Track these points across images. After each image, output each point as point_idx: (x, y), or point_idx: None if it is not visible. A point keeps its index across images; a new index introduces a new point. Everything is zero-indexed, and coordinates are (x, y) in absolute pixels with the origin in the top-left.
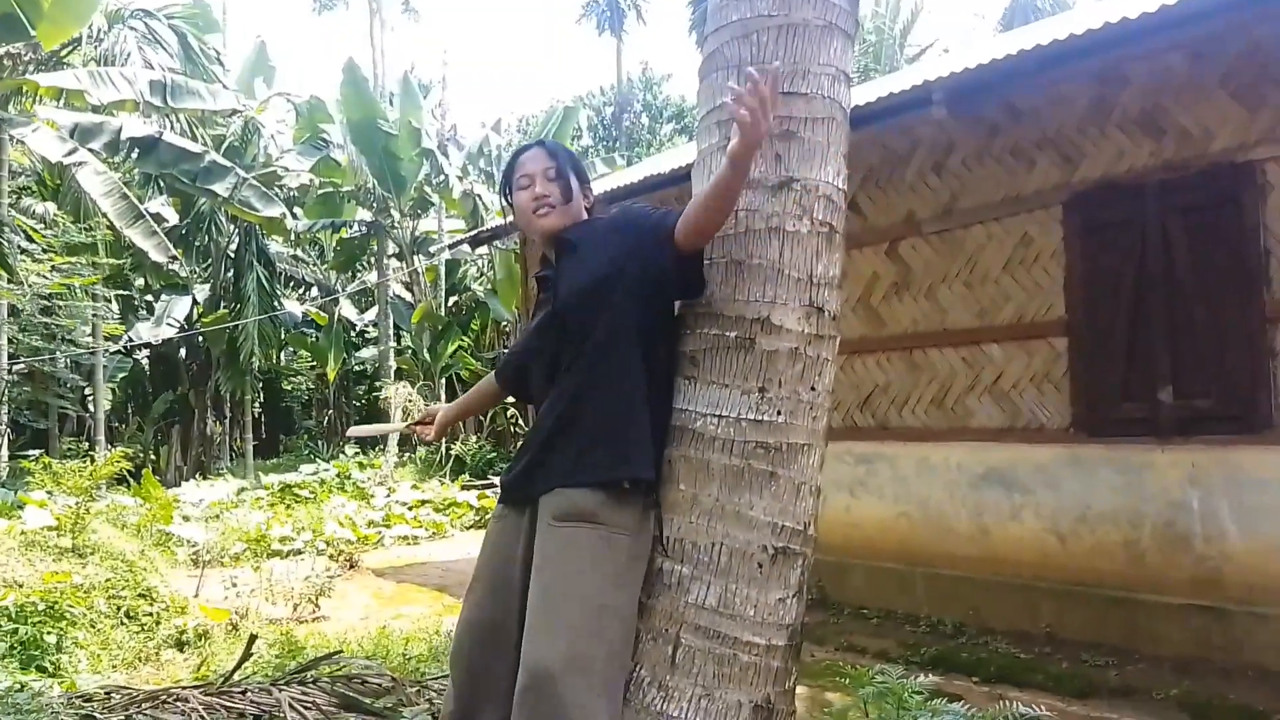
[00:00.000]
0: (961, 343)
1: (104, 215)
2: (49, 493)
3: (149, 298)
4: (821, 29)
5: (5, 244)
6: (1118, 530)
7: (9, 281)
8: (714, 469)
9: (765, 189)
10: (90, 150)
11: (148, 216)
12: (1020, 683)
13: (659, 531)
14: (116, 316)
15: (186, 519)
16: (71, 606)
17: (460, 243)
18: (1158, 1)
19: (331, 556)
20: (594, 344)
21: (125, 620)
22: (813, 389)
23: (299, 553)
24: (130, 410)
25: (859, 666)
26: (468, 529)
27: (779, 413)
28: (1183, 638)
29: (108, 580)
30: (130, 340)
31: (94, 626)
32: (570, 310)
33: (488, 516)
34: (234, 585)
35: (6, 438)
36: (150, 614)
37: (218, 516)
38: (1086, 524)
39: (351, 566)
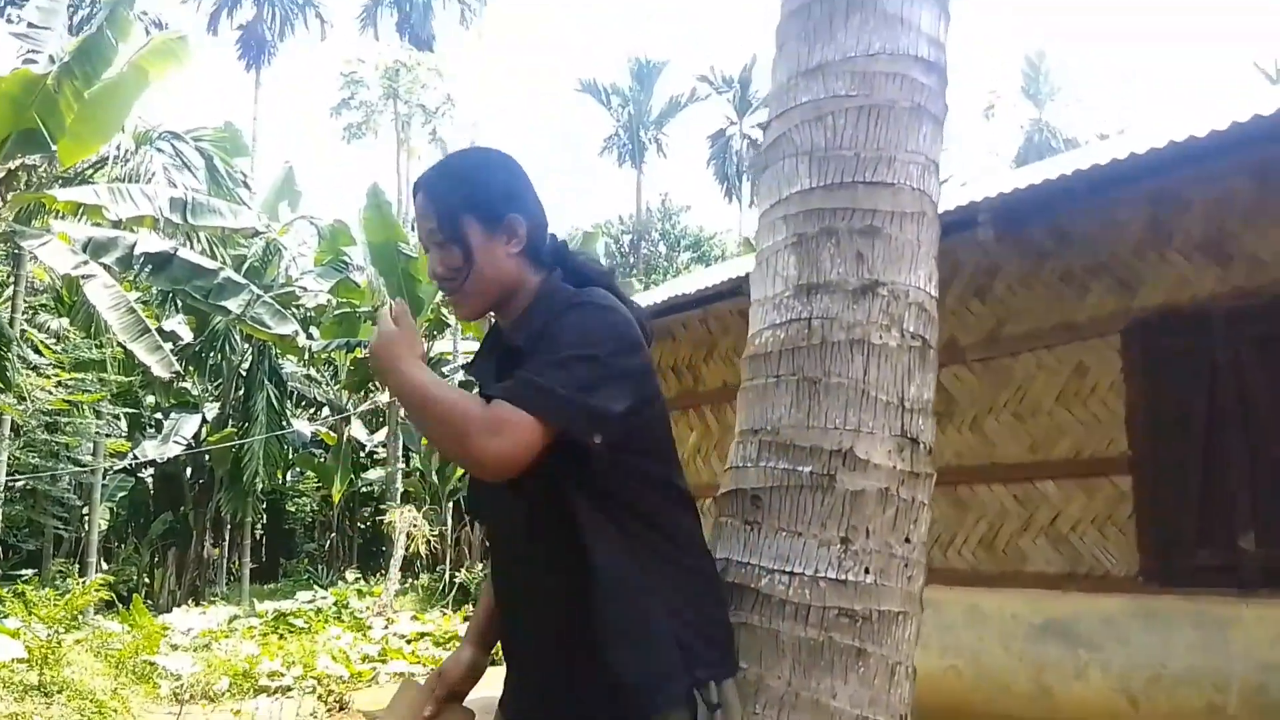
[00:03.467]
0: (1012, 479)
1: (109, 330)
2: (25, 621)
3: (158, 416)
4: (909, 111)
5: (9, 359)
6: (1199, 693)
7: (12, 396)
8: (784, 643)
9: (845, 294)
10: (103, 265)
11: (153, 331)
12: None
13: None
14: (124, 434)
15: (175, 648)
16: None
17: (473, 364)
18: (1214, 123)
19: (320, 697)
20: (535, 514)
21: None
22: (907, 540)
23: (288, 689)
24: (130, 530)
25: None
26: None
27: (867, 570)
28: None
29: None
30: (135, 458)
31: None
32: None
33: (490, 652)
34: None
35: None
36: None
37: (208, 646)
38: (1162, 685)
39: (341, 708)
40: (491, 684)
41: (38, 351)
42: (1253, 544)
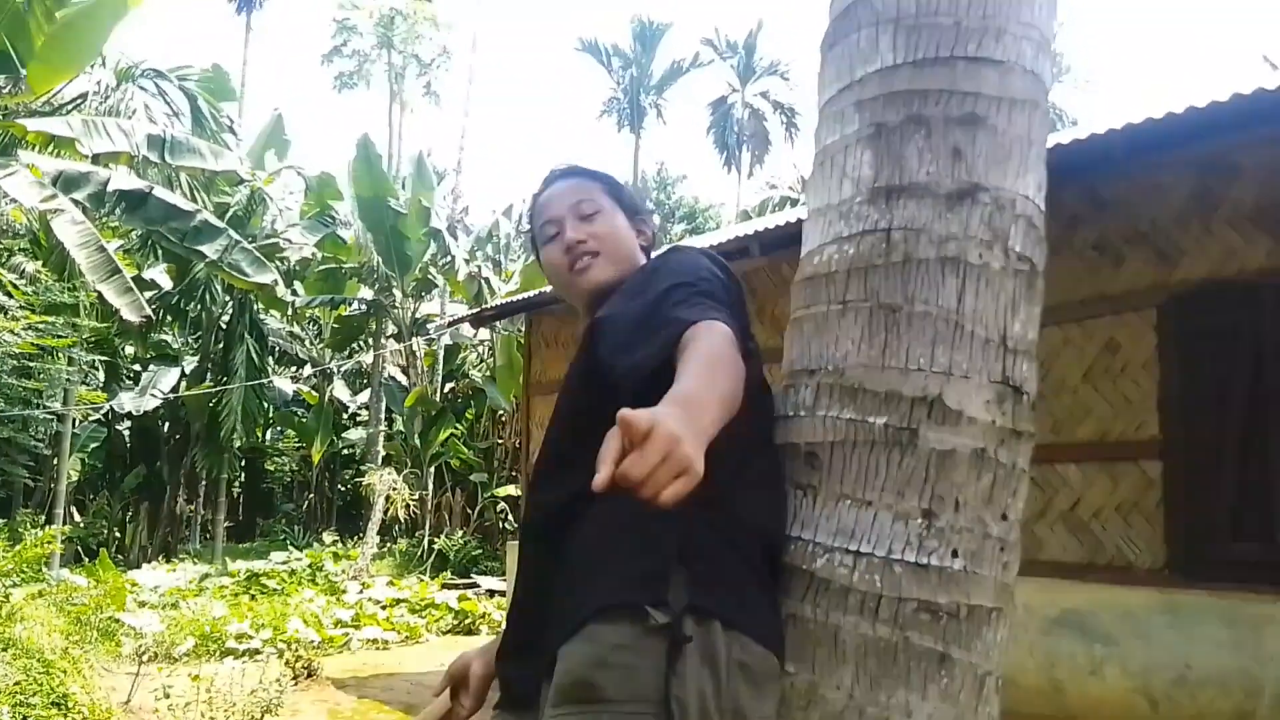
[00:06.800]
0: (1031, 460)
1: (81, 273)
2: None
3: (137, 367)
4: None
5: None
6: (1227, 697)
7: None
8: (846, 643)
9: (937, 199)
10: (73, 200)
11: (123, 273)
12: None
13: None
14: (100, 385)
15: (142, 605)
16: None
17: (461, 320)
18: (1276, 80)
19: (288, 662)
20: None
21: None
22: (1004, 517)
23: (256, 652)
24: (104, 483)
25: None
26: (444, 634)
27: (955, 553)
28: None
29: (17, 684)
30: (111, 410)
31: None
32: (560, 415)
33: (466, 621)
34: (166, 696)
35: None
36: None
37: (175, 605)
38: (1185, 687)
39: (309, 675)
40: None
41: (8, 294)
42: None
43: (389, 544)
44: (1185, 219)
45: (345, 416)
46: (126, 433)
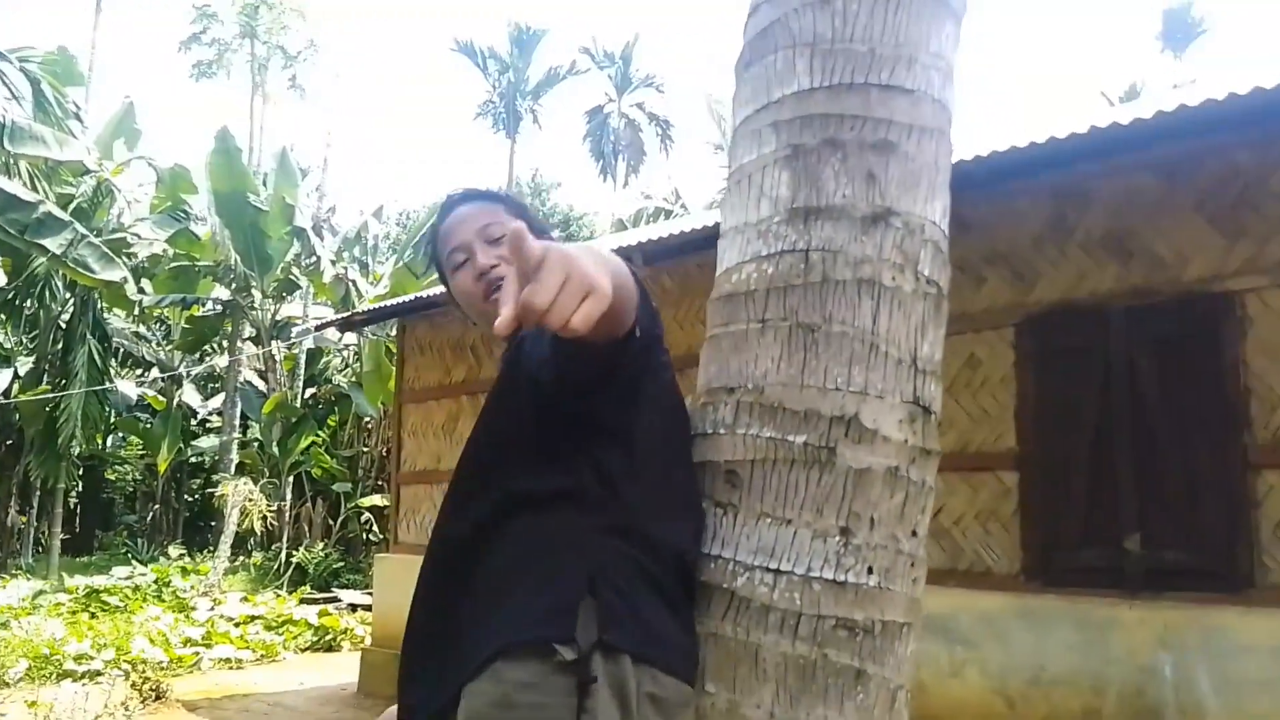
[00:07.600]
0: None
1: None
2: None
3: None
4: (933, 5)
5: None
6: (1077, 696)
7: None
8: (766, 661)
9: (853, 222)
10: None
11: None
12: None
13: None
14: None
15: None
16: None
17: (330, 323)
18: (1128, 114)
19: (135, 684)
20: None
21: None
22: (914, 534)
23: (98, 674)
24: None
25: None
26: (303, 651)
27: (870, 570)
28: None
29: None
30: None
31: None
32: (478, 439)
33: (327, 637)
34: None
35: None
36: None
37: (6, 625)
38: (1040, 687)
39: (158, 697)
40: None
41: None
42: (1138, 545)
43: (243, 557)
44: (1041, 243)
45: (195, 423)
46: None
